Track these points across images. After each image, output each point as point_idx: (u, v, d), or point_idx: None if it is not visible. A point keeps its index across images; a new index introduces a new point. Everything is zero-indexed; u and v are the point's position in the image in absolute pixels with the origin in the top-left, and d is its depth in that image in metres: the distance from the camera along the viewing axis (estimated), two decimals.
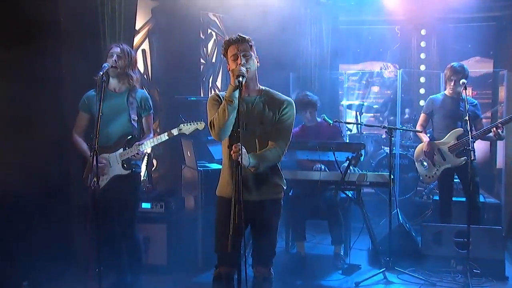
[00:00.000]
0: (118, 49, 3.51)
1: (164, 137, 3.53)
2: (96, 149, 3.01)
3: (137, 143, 3.51)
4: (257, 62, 2.77)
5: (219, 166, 2.96)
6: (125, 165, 3.53)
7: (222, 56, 2.82)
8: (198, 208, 4.40)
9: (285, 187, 2.87)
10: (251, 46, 2.73)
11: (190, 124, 3.54)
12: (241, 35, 2.73)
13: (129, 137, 3.53)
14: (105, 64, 3.33)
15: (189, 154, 4.60)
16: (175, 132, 3.54)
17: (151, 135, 3.64)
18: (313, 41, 6.36)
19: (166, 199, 4.41)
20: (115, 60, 3.47)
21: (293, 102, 2.81)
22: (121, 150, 3.52)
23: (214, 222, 2.82)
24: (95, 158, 3.04)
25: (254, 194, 2.74)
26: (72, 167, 3.94)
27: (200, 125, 3.55)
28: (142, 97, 3.62)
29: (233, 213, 2.38)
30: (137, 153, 3.47)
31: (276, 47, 5.66)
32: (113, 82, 3.54)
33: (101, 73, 3.20)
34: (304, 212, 4.45)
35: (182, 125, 3.54)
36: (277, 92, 2.85)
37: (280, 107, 2.76)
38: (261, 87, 2.83)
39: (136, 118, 3.56)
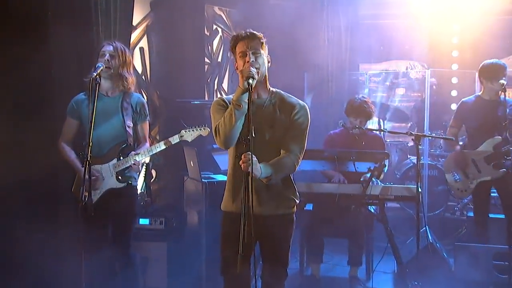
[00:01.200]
0: (111, 47, 3.52)
1: (161, 146, 3.54)
2: (89, 159, 2.99)
3: (133, 152, 3.51)
4: (269, 62, 2.79)
5: (226, 178, 2.97)
6: (119, 177, 3.53)
7: (228, 54, 2.84)
8: (202, 224, 4.41)
9: (298, 201, 2.87)
10: (262, 43, 2.74)
11: (193, 130, 3.55)
12: (252, 31, 2.75)
13: (123, 146, 3.54)
14: (99, 64, 3.32)
15: (192, 164, 4.63)
16: (175, 139, 3.54)
17: (147, 144, 3.65)
18: (330, 37, 6.39)
19: (167, 215, 4.43)
20: (107, 60, 3.47)
21: (306, 106, 2.82)
22: (114, 161, 3.52)
23: (220, 240, 2.83)
24: (87, 169, 3.00)
25: (263, 208, 2.74)
26: (59, 179, 3.98)
27: (204, 131, 3.56)
28: (138, 102, 3.63)
29: (241, 230, 2.38)
30: (134, 164, 3.48)
31: (289, 44, 5.69)
32: (105, 85, 3.54)
33: (95, 74, 3.18)
34: (321, 229, 4.45)
35: (183, 131, 3.55)
36: (289, 95, 2.86)
37: (292, 111, 2.77)
38: (271, 88, 2.85)
39: (132, 125, 3.58)
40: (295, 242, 2.96)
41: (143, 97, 3.82)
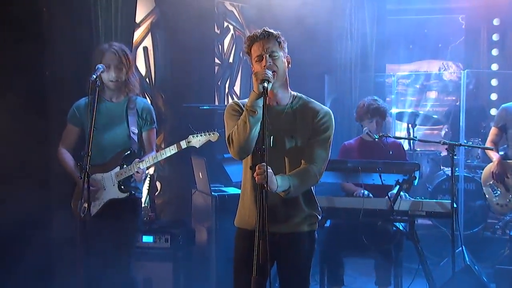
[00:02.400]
0: (114, 58, 3.57)
1: (171, 150, 3.57)
2: (88, 170, 3.05)
3: (136, 160, 3.58)
4: (289, 63, 2.82)
5: (239, 191, 3.00)
6: (122, 187, 3.59)
7: (241, 55, 2.88)
8: (211, 242, 4.44)
9: (319, 217, 2.89)
10: (279, 43, 2.75)
11: (201, 135, 3.58)
12: (268, 29, 2.76)
13: (127, 153, 3.61)
14: (99, 66, 3.40)
15: (201, 176, 4.67)
16: (183, 144, 3.59)
17: (154, 153, 3.70)
18: (354, 35, 6.40)
19: (173, 231, 4.47)
20: (115, 76, 3.56)
21: (330, 112, 2.83)
22: (117, 169, 3.59)
23: (232, 260, 2.86)
24: (86, 180, 3.06)
25: (281, 225, 2.76)
26: (56, 190, 4.03)
27: (213, 136, 3.59)
28: (144, 107, 3.71)
29: (256, 249, 2.40)
30: (137, 172, 3.54)
31: (307, 43, 5.72)
32: (109, 91, 3.65)
33: (94, 76, 3.26)
34: (343, 248, 4.45)
35: (191, 136, 3.59)
36: (313, 100, 2.88)
37: (315, 118, 2.79)
38: (292, 93, 2.87)
39: (137, 131, 3.65)
40: (315, 262, 2.97)
41: (147, 101, 3.86)
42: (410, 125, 6.15)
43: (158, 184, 5.48)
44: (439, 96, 7.73)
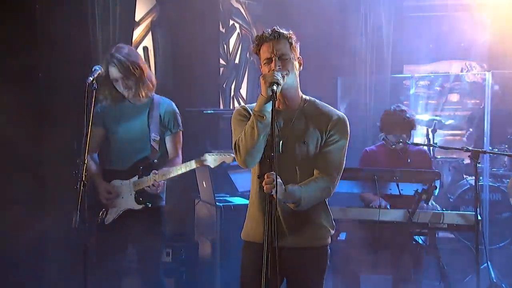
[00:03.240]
0: (116, 72, 3.60)
1: (192, 165, 3.64)
2: (85, 179, 3.07)
3: (154, 171, 3.64)
4: (300, 65, 2.83)
5: (245, 201, 3.03)
6: (140, 198, 3.67)
7: (247, 55, 2.89)
8: (216, 256, 4.45)
9: (333, 231, 2.89)
10: (291, 44, 2.76)
11: (216, 155, 3.64)
12: (278, 29, 2.76)
13: (147, 162, 3.69)
14: (96, 67, 3.41)
15: (204, 185, 4.68)
16: (193, 164, 3.64)
17: (179, 159, 3.78)
18: (369, 34, 6.41)
19: (174, 245, 4.49)
20: (126, 88, 3.63)
21: (345, 118, 2.84)
22: (135, 178, 3.69)
23: (238, 275, 2.87)
24: (83, 190, 3.07)
25: (291, 238, 2.76)
26: (50, 194, 4.06)
27: (228, 158, 3.63)
28: (168, 110, 3.78)
29: (264, 264, 2.40)
30: (153, 185, 3.61)
31: (319, 43, 5.75)
32: (128, 91, 3.69)
33: (91, 78, 3.28)
34: (358, 264, 4.44)
35: (207, 154, 3.65)
36: (326, 104, 2.88)
37: (328, 123, 2.79)
38: (304, 97, 2.88)
39: (158, 138, 3.72)
40: (328, 279, 2.97)
41: (170, 102, 3.90)
42: (429, 130, 6.14)
43: None
44: (461, 99, 7.70)
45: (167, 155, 3.80)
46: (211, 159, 3.62)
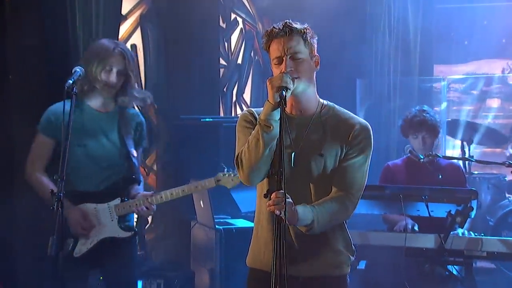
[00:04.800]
0: (121, 62, 3.58)
1: (184, 191, 3.64)
2: (62, 198, 3.01)
3: (145, 193, 3.61)
4: (317, 64, 2.82)
5: (249, 224, 3.03)
6: (124, 223, 3.62)
7: (252, 54, 2.87)
8: (215, 287, 4.45)
9: (352, 257, 2.88)
10: (305, 40, 2.72)
11: (233, 174, 3.63)
12: (290, 23, 2.72)
13: (130, 182, 3.64)
14: (77, 68, 3.37)
15: (202, 205, 4.68)
16: (204, 185, 3.65)
17: (174, 189, 3.74)
18: (394, 29, 6.41)
19: (167, 275, 4.48)
20: (115, 83, 3.58)
21: (369, 126, 2.81)
22: (117, 201, 3.61)
23: None
24: (60, 211, 3.01)
25: (304, 266, 2.75)
26: (21, 206, 4.05)
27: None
28: (139, 122, 3.74)
29: None
30: (147, 208, 3.58)
31: (335, 40, 5.75)
32: (98, 98, 3.66)
33: (71, 81, 3.25)
34: None
35: (221, 174, 3.63)
36: (346, 111, 2.85)
37: (349, 133, 2.75)
38: (321, 101, 2.87)
39: (136, 154, 3.69)
40: None
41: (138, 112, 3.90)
42: (465, 142, 6.12)
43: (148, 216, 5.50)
44: (502, 104, 7.68)
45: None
46: (227, 180, 3.64)
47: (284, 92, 2.54)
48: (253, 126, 2.71)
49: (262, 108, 2.72)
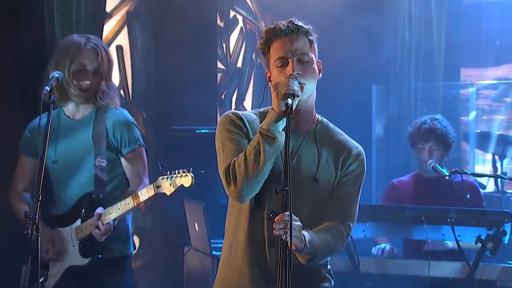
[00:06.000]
0: (94, 58, 3.59)
1: (128, 204, 3.51)
2: (37, 220, 3.02)
3: (98, 210, 3.52)
4: (320, 71, 2.82)
5: None
6: (84, 248, 3.57)
7: (253, 56, 2.86)
8: None
9: (332, 282, 2.87)
10: (311, 42, 2.74)
11: (172, 178, 3.49)
12: (297, 22, 2.74)
13: (90, 199, 3.60)
14: (55, 74, 3.43)
15: (196, 228, 4.68)
16: (145, 194, 3.51)
17: (142, 187, 3.62)
18: (414, 28, 6.42)
19: None
20: (89, 84, 3.58)
21: (363, 152, 2.84)
22: (78, 223, 3.60)
23: None
24: (35, 236, 3.01)
25: None
26: None
27: (187, 179, 3.47)
28: (117, 121, 3.69)
29: None
30: (97, 228, 3.49)
31: (347, 39, 5.76)
32: (71, 104, 3.67)
33: (48, 88, 3.28)
34: None
35: (160, 178, 3.53)
36: (340, 131, 2.87)
37: (346, 158, 2.78)
38: (317, 116, 2.86)
39: (105, 163, 3.64)
40: None
41: (123, 111, 3.86)
42: (497, 157, 6.11)
43: (136, 240, 5.49)
44: None
45: (127, 183, 3.73)
46: (166, 184, 3.47)
47: (291, 100, 2.54)
48: (241, 132, 2.73)
49: (250, 112, 2.77)
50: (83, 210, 3.59)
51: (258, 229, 2.67)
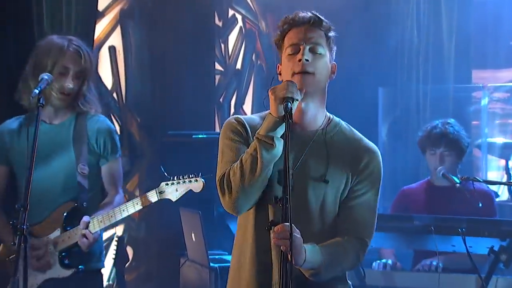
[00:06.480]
0: (77, 61, 3.59)
1: (135, 206, 3.55)
2: (25, 231, 3.02)
3: (85, 218, 3.53)
4: (333, 72, 2.80)
5: None
6: (65, 260, 3.58)
7: (253, 57, 2.83)
8: None
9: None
10: (328, 38, 2.73)
11: (178, 183, 3.55)
12: (316, 14, 2.73)
13: (71, 208, 3.60)
14: (44, 76, 3.41)
15: (193, 238, 4.68)
16: (152, 197, 3.55)
17: (121, 197, 3.70)
18: (423, 26, 6.41)
19: None
20: (71, 88, 3.57)
21: (379, 153, 2.80)
22: (57, 232, 3.60)
23: None
24: (22, 247, 3.03)
25: None
26: None
27: (196, 185, 3.55)
28: (101, 128, 3.70)
29: None
30: (85, 237, 3.49)
31: (354, 40, 5.75)
32: (49, 108, 3.65)
33: (37, 91, 3.27)
34: None
35: (164, 184, 3.57)
36: (354, 130, 2.85)
37: (359, 160, 2.74)
38: (328, 115, 2.86)
39: (87, 171, 3.64)
40: None
41: (105, 119, 3.86)
42: (510, 163, 6.11)
43: (129, 251, 5.49)
44: None
45: (102, 193, 3.73)
46: (171, 190, 3.53)
47: (290, 104, 2.53)
48: (243, 139, 2.71)
49: (253, 116, 2.76)
50: (64, 218, 3.59)
51: (264, 238, 2.62)
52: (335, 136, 2.77)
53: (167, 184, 3.55)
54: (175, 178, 3.56)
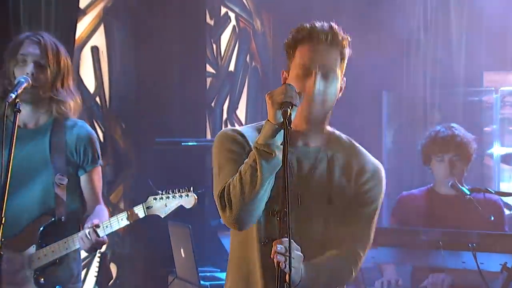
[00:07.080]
0: (36, 48, 3.59)
1: (119, 222, 3.53)
2: (1, 247, 3.03)
3: (95, 220, 3.50)
4: (341, 88, 2.79)
5: None
6: (41, 279, 3.56)
7: (247, 59, 2.83)
8: None
9: None
10: (343, 59, 2.75)
11: (168, 197, 3.53)
12: (334, 27, 2.71)
13: (47, 223, 3.59)
14: (21, 78, 3.43)
15: (182, 254, 4.67)
16: (139, 212, 3.54)
17: (101, 209, 3.67)
18: (430, 26, 6.44)
19: None
20: (31, 74, 3.54)
21: (382, 169, 2.84)
22: (32, 249, 3.58)
23: None
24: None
25: None
26: None
27: (189, 200, 3.54)
28: (80, 135, 3.69)
29: None
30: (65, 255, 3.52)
31: (356, 41, 5.73)
32: (23, 111, 3.59)
33: (14, 94, 3.28)
34: None
35: (152, 198, 3.55)
36: (354, 143, 2.87)
37: (360, 176, 2.78)
38: (330, 130, 2.86)
39: (65, 181, 3.63)
40: None
41: (95, 131, 3.85)
42: None
43: (113, 268, 5.49)
44: None
45: (83, 205, 3.71)
46: (159, 205, 3.51)
47: (288, 109, 2.53)
48: (243, 151, 2.71)
49: (248, 127, 2.76)
50: (40, 233, 3.57)
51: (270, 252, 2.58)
52: (337, 152, 2.81)
53: (155, 199, 3.53)
54: (164, 192, 3.53)
